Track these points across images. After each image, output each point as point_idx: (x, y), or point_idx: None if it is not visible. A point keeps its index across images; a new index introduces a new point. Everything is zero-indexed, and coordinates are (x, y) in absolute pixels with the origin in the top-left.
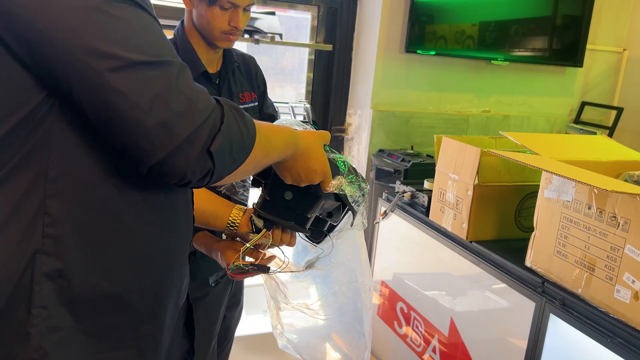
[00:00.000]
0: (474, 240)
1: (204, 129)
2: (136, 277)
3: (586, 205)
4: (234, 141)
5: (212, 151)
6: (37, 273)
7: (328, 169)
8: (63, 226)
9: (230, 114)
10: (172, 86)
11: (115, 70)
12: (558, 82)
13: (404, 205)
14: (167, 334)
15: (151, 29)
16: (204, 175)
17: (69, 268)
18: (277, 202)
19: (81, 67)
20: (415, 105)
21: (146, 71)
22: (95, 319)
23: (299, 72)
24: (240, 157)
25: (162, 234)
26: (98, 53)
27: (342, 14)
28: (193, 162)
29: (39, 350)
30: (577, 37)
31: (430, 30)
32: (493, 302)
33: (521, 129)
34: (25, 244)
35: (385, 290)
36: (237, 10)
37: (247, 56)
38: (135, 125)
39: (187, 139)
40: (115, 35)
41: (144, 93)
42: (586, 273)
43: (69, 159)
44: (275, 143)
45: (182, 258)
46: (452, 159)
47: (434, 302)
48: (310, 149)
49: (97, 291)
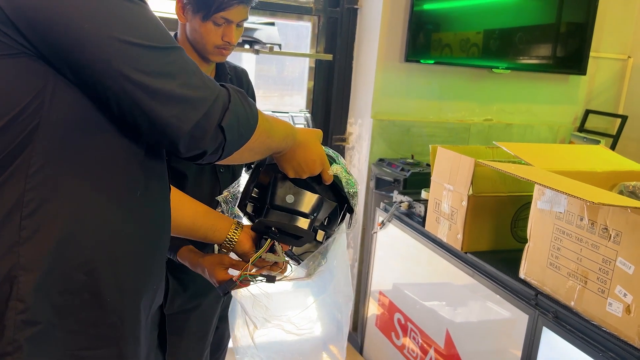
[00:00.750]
0: (469, 251)
1: (216, 105)
2: (115, 273)
3: (578, 217)
4: (241, 117)
5: (223, 126)
6: (15, 265)
7: (326, 159)
8: (42, 219)
9: (235, 94)
10: (187, 68)
11: (137, 56)
12: (562, 90)
13: (401, 215)
14: (145, 338)
15: (157, 20)
16: (217, 148)
17: (47, 261)
18: (280, 208)
19: (106, 54)
20: (416, 114)
21: (162, 55)
22: (74, 314)
23: (300, 81)
24: (247, 132)
25: (143, 233)
26: (120, 40)
27: (342, 23)
28: (209, 136)
29: (13, 343)
30: (581, 44)
31: (430, 39)
32: (488, 314)
33: (524, 138)
34: (4, 237)
35: (384, 300)
36: (230, 25)
37: (240, 69)
38: (162, 105)
39: (204, 115)
40: (132, 24)
41: (164, 75)
42: (579, 285)
43: (50, 154)
44: (276, 128)
45: (160, 260)
46: (447, 169)
47: (431, 313)
48: (308, 141)
49: (76, 284)
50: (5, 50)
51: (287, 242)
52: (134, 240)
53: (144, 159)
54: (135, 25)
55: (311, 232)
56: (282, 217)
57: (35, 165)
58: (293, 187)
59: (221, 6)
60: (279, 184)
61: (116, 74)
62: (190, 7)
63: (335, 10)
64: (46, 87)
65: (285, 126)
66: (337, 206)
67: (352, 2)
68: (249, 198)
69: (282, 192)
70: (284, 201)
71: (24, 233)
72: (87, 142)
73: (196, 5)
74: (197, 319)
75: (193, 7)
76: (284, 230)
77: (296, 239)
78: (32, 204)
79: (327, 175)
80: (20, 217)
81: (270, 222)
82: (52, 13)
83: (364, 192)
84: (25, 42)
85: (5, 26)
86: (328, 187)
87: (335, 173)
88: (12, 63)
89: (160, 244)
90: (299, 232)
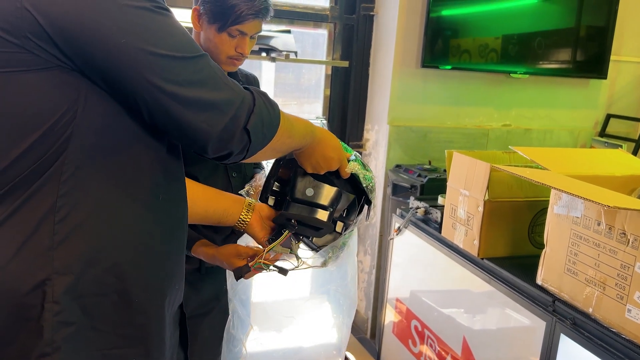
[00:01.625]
0: (485, 257)
1: (242, 109)
2: (142, 274)
3: (595, 222)
4: (265, 119)
5: (249, 128)
6: (49, 269)
7: (344, 156)
8: (73, 224)
9: (259, 97)
10: (213, 74)
11: (169, 66)
12: (582, 94)
13: (418, 221)
14: (169, 336)
15: (183, 29)
16: (242, 149)
17: (79, 264)
18: (300, 201)
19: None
20: (433, 119)
21: (191, 64)
22: (104, 315)
23: (317, 88)
24: (270, 133)
25: (165, 234)
26: (153, 53)
27: (358, 30)
28: (236, 138)
29: (52, 344)
30: (602, 48)
31: (447, 44)
32: (505, 320)
33: (544, 143)
34: (36, 241)
35: (401, 307)
36: (244, 37)
37: (251, 76)
38: (193, 112)
39: (232, 118)
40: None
41: (194, 83)
42: (597, 292)
43: (81, 160)
44: (297, 127)
45: (181, 259)
46: (463, 174)
47: (448, 320)
48: (326, 138)
49: (106, 286)
50: (41, 64)
51: (307, 234)
52: (158, 241)
53: (166, 163)
54: (165, 38)
55: (330, 224)
56: (302, 209)
57: (68, 172)
58: (312, 180)
59: (237, 19)
60: (299, 178)
61: (149, 85)
62: (206, 17)
63: (351, 17)
64: (79, 98)
65: (305, 125)
66: (355, 198)
67: (368, 9)
68: (270, 191)
69: (302, 186)
70: (304, 194)
71: (57, 237)
72: (115, 149)
73: (212, 17)
74: (210, 323)
75: (209, 17)
76: (304, 222)
77: (316, 230)
78: (64, 210)
79: (344, 172)
80: (54, 222)
81: (291, 215)
82: (89, 28)
83: (381, 198)
84: (61, 55)
85: (42, 41)
86: (346, 180)
87: (352, 169)
88: (47, 76)
89: (180, 243)
90: (318, 224)
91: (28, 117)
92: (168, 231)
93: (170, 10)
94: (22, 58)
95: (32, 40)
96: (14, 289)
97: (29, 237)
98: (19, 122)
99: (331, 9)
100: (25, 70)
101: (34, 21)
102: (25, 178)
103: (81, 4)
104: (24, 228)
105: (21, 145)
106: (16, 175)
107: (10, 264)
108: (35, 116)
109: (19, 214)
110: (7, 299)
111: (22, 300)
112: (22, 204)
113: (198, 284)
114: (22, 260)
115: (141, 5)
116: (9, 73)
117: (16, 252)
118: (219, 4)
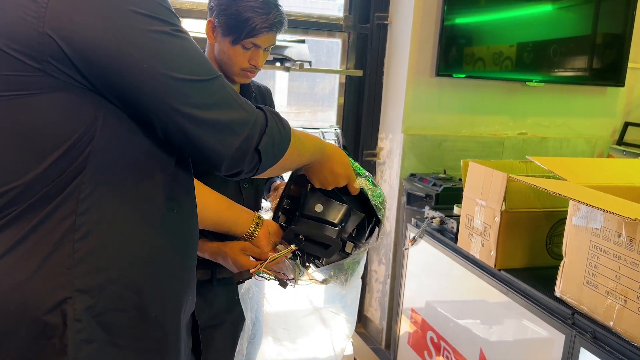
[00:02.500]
0: (502, 269)
1: (254, 130)
2: (159, 288)
3: (615, 234)
4: (276, 139)
5: (260, 149)
6: (70, 288)
7: (352, 173)
8: (92, 241)
9: (271, 117)
10: (228, 96)
11: (186, 90)
12: (599, 102)
13: (433, 231)
14: (184, 347)
15: (199, 51)
16: (252, 168)
17: (99, 282)
18: (309, 217)
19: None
20: (448, 128)
21: (207, 87)
22: (123, 330)
23: (331, 97)
24: (280, 153)
25: (178, 247)
26: (172, 77)
27: (372, 39)
28: (248, 158)
29: None
30: (619, 55)
31: (462, 53)
32: (523, 333)
33: (560, 152)
34: (56, 260)
35: (416, 317)
36: (258, 50)
37: (264, 88)
38: (208, 133)
39: (244, 140)
40: (181, 61)
41: (210, 105)
42: (618, 305)
43: (99, 179)
44: (307, 145)
45: (193, 270)
46: (479, 184)
47: (464, 331)
48: (335, 155)
49: (125, 302)
50: (60, 86)
51: (315, 251)
52: (172, 254)
53: (178, 176)
54: (183, 62)
55: (338, 241)
56: (311, 225)
57: (86, 190)
58: (322, 197)
59: (252, 32)
60: (309, 194)
61: (167, 107)
62: (220, 29)
63: (365, 26)
64: (97, 117)
65: (314, 142)
66: (365, 217)
67: (382, 18)
68: (282, 209)
69: (312, 202)
70: (313, 210)
71: (77, 255)
72: (131, 165)
73: (227, 29)
74: (222, 335)
75: (223, 30)
76: (312, 238)
77: (325, 248)
78: (84, 228)
79: (353, 188)
80: (73, 240)
81: (299, 230)
82: (110, 53)
83: (395, 207)
84: (81, 77)
85: (62, 65)
86: (356, 198)
87: (360, 186)
88: (66, 96)
89: (192, 254)
90: (326, 240)
91: (48, 137)
92: (182, 243)
93: (188, 33)
94: (43, 81)
95: (53, 64)
96: (34, 308)
97: (48, 255)
98: (38, 143)
99: (345, 18)
100: (45, 92)
101: (55, 46)
102: (44, 196)
103: (103, 30)
104: (42, 246)
105: (41, 165)
106: (35, 193)
107: (29, 283)
108: (55, 136)
109: (37, 232)
110: (26, 318)
111: (42, 319)
112: (41, 222)
113: (209, 295)
114: (41, 278)
115: (161, 30)
116: (29, 95)
117: (35, 270)
118: (234, 17)
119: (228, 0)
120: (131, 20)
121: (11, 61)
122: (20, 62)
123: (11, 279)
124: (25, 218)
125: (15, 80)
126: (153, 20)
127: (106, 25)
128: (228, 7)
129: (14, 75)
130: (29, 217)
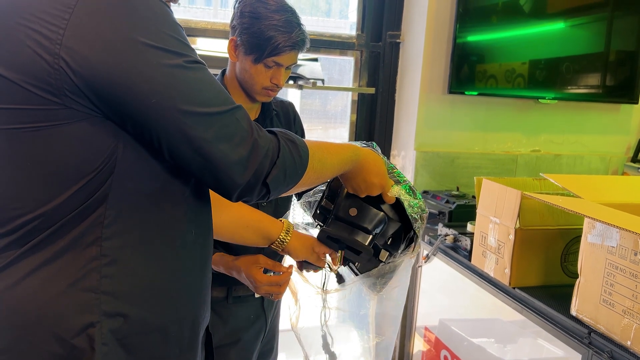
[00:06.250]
0: (517, 287)
1: (265, 162)
2: (178, 309)
3: (632, 252)
4: (288, 169)
5: (268, 182)
6: (98, 312)
7: (387, 182)
8: (118, 267)
9: (285, 146)
10: (241, 129)
11: (197, 123)
12: (612, 119)
13: (447, 248)
14: None
15: (214, 82)
16: (261, 198)
17: (124, 306)
18: (342, 220)
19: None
20: (461, 145)
21: (219, 119)
22: (145, 351)
23: (343, 114)
24: (292, 181)
25: (196, 267)
26: (182, 111)
27: (384, 57)
28: (256, 191)
29: None
30: (632, 72)
31: (474, 70)
32: (538, 352)
33: (574, 169)
34: (84, 285)
35: (430, 336)
36: (280, 69)
37: (287, 102)
38: (217, 166)
39: (254, 173)
40: (193, 93)
41: (221, 138)
42: (635, 324)
43: (122, 204)
44: (330, 164)
45: (208, 287)
46: (493, 201)
47: (478, 350)
48: (370, 163)
49: (148, 325)
50: (80, 116)
51: (349, 255)
52: (190, 274)
53: (196, 199)
54: (194, 95)
55: (370, 249)
56: (343, 228)
57: (110, 217)
58: (358, 200)
59: (274, 51)
60: (345, 196)
61: (176, 138)
62: (242, 48)
63: (377, 44)
64: (118, 144)
65: (341, 156)
66: (401, 227)
67: (394, 37)
68: (320, 207)
69: (346, 205)
70: (347, 213)
71: (104, 281)
72: (151, 189)
73: (249, 48)
74: (237, 354)
75: (246, 48)
76: (343, 241)
77: (356, 253)
78: (109, 254)
79: (387, 197)
80: (99, 265)
81: (331, 232)
82: (121, 87)
83: None
84: (95, 107)
85: (77, 96)
86: (395, 206)
87: (396, 195)
88: (88, 126)
89: (208, 272)
90: (357, 246)
91: (71, 167)
92: (201, 262)
93: (203, 63)
94: (63, 112)
95: (71, 97)
96: (61, 331)
97: (75, 279)
98: (62, 172)
99: (357, 37)
100: (66, 123)
101: (70, 81)
102: (68, 222)
103: (114, 65)
104: (68, 271)
105: (64, 194)
106: (58, 220)
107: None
108: (78, 166)
109: (63, 257)
110: (53, 341)
111: (70, 343)
112: (66, 248)
113: (225, 313)
114: (68, 303)
115: (173, 63)
116: (52, 127)
117: (61, 293)
118: (257, 36)
119: (251, 19)
120: (143, 54)
121: (30, 96)
122: (39, 97)
123: (36, 298)
124: (50, 243)
125: (36, 113)
126: (165, 54)
127: (117, 60)
128: (251, 26)
129: (34, 110)
130: (54, 242)
